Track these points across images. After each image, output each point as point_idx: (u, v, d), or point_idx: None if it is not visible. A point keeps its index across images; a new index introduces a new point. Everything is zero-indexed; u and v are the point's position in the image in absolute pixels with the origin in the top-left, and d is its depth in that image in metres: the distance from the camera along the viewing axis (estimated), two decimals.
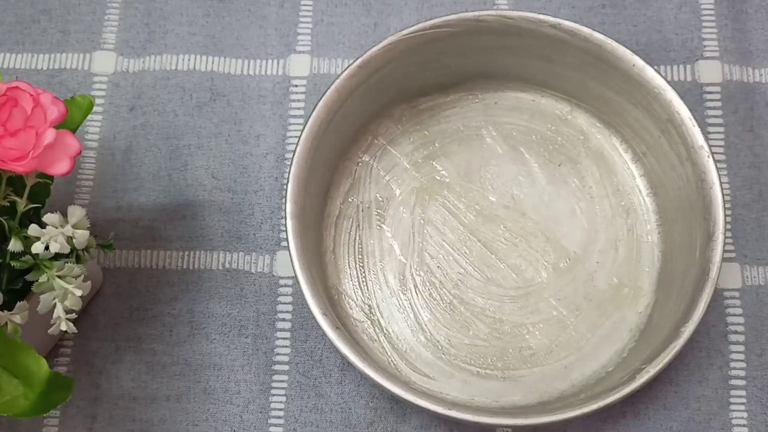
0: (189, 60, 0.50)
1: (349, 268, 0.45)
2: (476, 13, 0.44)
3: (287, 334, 0.45)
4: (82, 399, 0.44)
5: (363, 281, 0.45)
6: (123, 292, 0.46)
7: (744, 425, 0.43)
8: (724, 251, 0.41)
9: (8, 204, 0.36)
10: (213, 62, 0.50)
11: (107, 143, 0.48)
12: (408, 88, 0.47)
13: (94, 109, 0.48)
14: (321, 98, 0.43)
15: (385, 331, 0.44)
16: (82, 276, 0.36)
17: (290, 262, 0.41)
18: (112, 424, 0.43)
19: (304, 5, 0.51)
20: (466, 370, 0.43)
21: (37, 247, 0.35)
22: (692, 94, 0.49)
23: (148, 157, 0.48)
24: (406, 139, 0.48)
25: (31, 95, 0.35)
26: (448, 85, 0.48)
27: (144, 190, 0.47)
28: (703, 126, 0.44)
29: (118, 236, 0.46)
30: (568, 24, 0.44)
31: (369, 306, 0.45)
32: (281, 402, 0.43)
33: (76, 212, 0.36)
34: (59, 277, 0.35)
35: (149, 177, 0.48)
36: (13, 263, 0.35)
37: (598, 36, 0.43)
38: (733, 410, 0.43)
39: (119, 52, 0.50)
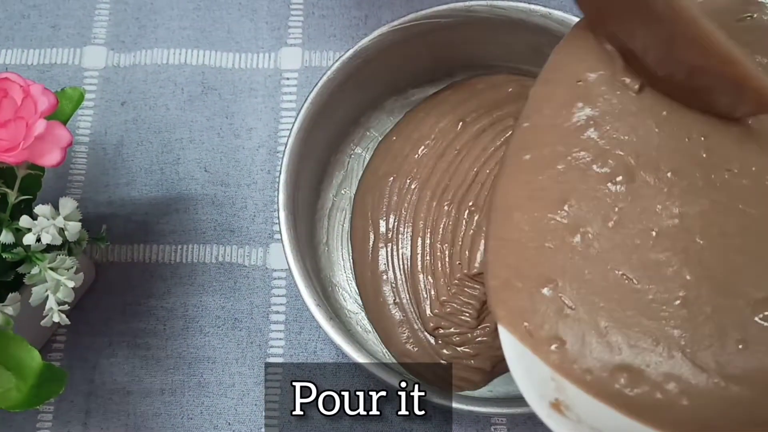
0: (180, 54, 0.50)
1: (343, 260, 0.45)
2: (467, 3, 0.44)
3: (281, 327, 0.45)
4: (76, 394, 0.43)
5: (356, 273, 0.45)
6: (116, 287, 0.45)
7: None
8: None
9: None
10: (204, 56, 0.50)
11: (99, 138, 0.48)
12: (399, 79, 0.47)
13: (85, 104, 0.48)
14: (312, 90, 0.43)
15: None
16: (74, 268, 0.36)
17: (283, 255, 0.41)
18: (107, 418, 0.43)
19: None
20: None
21: (28, 239, 0.35)
22: None
23: (140, 152, 0.48)
24: None
25: (21, 86, 0.34)
26: (439, 76, 0.48)
27: (136, 185, 0.47)
28: None
29: (111, 231, 0.46)
30: (558, 14, 0.44)
31: None
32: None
33: (67, 204, 0.36)
34: (51, 269, 0.35)
35: (141, 171, 0.48)
36: (4, 255, 0.35)
37: None
38: None
39: (110, 47, 0.50)
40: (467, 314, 0.42)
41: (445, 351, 0.42)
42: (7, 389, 0.34)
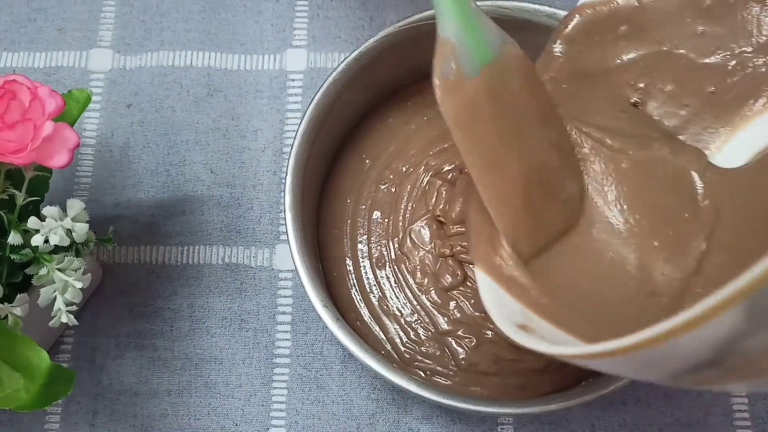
0: (186, 56, 0.50)
1: None
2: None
3: (288, 327, 0.45)
4: (83, 395, 0.43)
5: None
6: (123, 289, 0.45)
7: (745, 410, 0.43)
8: None
9: (7, 197, 0.36)
10: (210, 58, 0.50)
11: (105, 140, 0.48)
12: (404, 80, 0.47)
13: (92, 106, 0.48)
14: (318, 92, 0.43)
15: None
16: (82, 269, 0.36)
17: (290, 255, 0.41)
18: (114, 419, 0.43)
19: (300, 0, 0.51)
20: None
21: (36, 240, 0.35)
22: None
23: (146, 154, 0.48)
24: None
25: (29, 88, 0.35)
26: None
27: (142, 186, 0.47)
28: None
29: (118, 232, 0.46)
30: (563, 14, 0.44)
31: None
32: (283, 395, 0.43)
33: (75, 205, 0.36)
34: (59, 270, 0.35)
35: (147, 173, 0.48)
36: (12, 256, 0.35)
37: None
38: (734, 396, 0.43)
39: (116, 50, 0.50)
40: (446, 357, 0.41)
41: (440, 382, 0.41)
42: (16, 390, 0.34)
